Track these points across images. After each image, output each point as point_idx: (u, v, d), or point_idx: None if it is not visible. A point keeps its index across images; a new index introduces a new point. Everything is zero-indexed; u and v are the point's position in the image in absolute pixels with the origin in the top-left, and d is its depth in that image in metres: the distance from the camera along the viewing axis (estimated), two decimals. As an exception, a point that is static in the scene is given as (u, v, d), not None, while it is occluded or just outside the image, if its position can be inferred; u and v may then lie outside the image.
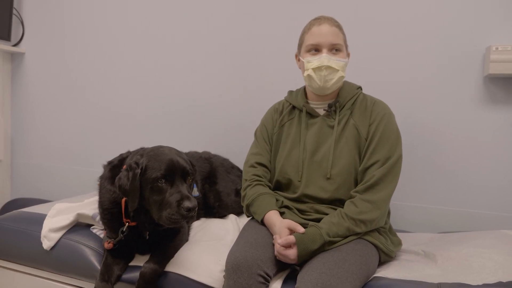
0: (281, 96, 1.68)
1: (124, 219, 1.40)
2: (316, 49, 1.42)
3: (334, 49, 1.40)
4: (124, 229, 1.39)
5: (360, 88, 1.51)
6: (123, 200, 1.39)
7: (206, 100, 2.24)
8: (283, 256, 1.23)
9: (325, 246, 1.24)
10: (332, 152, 1.40)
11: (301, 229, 1.27)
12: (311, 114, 1.49)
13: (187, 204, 1.25)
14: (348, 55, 1.48)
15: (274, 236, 1.29)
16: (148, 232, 1.42)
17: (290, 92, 1.59)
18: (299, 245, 1.22)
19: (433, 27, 1.79)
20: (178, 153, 1.40)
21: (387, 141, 1.36)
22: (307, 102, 1.50)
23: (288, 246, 1.24)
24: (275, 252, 1.25)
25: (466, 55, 1.75)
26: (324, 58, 1.38)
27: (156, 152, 1.35)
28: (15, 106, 2.74)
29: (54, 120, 2.64)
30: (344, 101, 1.45)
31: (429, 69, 1.81)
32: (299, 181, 1.43)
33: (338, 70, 1.39)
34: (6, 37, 2.55)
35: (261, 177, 1.50)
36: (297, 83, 1.92)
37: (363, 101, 1.45)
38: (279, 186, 1.51)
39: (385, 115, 1.40)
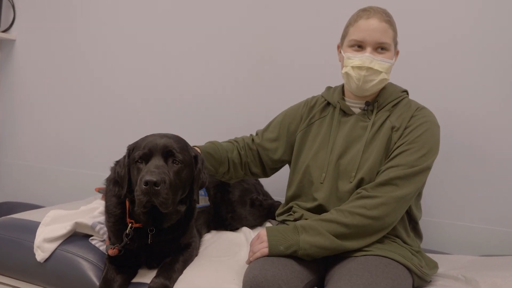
0: (298, 93, 1.63)
1: (128, 220, 1.33)
2: (359, 46, 1.32)
3: (380, 47, 1.30)
4: (128, 231, 1.31)
5: (405, 91, 1.42)
6: (127, 200, 1.33)
7: (216, 97, 2.16)
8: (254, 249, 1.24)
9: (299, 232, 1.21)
10: (361, 155, 1.31)
11: None
12: (345, 112, 1.41)
13: (145, 177, 1.17)
14: (396, 53, 1.39)
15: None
16: (152, 230, 1.32)
17: (328, 88, 1.52)
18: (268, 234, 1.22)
19: (477, 28, 1.70)
20: (168, 136, 1.33)
21: (419, 149, 1.26)
22: (343, 99, 1.43)
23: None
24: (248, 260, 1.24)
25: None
26: (366, 58, 1.30)
27: (144, 137, 1.33)
28: (4, 99, 2.63)
29: (47, 115, 2.53)
30: (385, 102, 1.37)
31: (468, 77, 1.72)
32: (321, 183, 1.36)
33: (381, 72, 1.31)
34: (-5, 22, 2.46)
35: (237, 141, 1.55)
36: (316, 80, 1.84)
37: (406, 105, 1.37)
38: (300, 189, 1.44)
39: (427, 123, 1.31)
